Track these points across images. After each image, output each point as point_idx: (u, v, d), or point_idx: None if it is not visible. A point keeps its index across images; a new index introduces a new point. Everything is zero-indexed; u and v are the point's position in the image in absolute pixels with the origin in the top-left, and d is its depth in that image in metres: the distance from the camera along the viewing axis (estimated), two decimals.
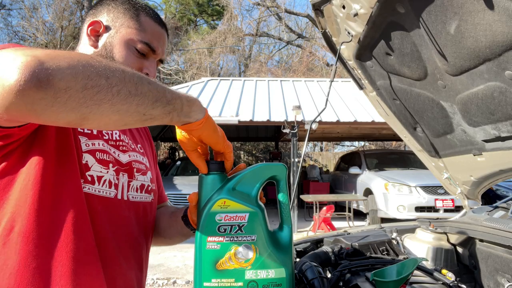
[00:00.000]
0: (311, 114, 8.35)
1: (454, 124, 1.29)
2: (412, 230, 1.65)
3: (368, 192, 8.04)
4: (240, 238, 0.73)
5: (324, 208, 6.85)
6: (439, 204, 6.94)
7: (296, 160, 7.94)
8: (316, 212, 6.93)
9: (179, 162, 10.23)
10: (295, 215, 7.73)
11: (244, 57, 22.84)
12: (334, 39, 1.33)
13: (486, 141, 1.22)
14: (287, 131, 7.80)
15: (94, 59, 0.58)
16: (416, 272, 1.10)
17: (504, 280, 1.33)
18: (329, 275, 1.17)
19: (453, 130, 1.33)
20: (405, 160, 9.07)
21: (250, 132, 14.20)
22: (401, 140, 3.27)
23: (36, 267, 0.68)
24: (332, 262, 1.19)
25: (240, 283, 0.72)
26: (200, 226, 0.74)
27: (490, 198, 6.97)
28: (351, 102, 9.20)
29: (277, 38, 21.74)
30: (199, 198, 0.77)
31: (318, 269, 1.03)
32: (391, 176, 7.69)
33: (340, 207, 8.41)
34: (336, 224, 7.02)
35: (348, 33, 1.19)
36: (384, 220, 7.20)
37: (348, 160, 10.27)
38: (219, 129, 0.77)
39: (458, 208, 6.63)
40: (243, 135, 14.74)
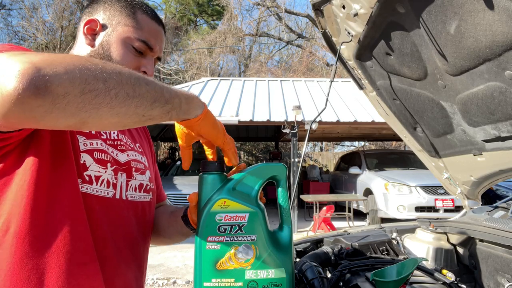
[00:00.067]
0: (311, 114, 8.35)
1: (454, 124, 1.29)
2: (412, 230, 1.65)
3: (368, 192, 8.04)
4: (240, 238, 0.73)
5: (324, 208, 6.85)
6: (439, 204, 6.94)
7: (296, 160, 7.94)
8: (316, 212, 6.93)
9: (179, 162, 10.22)
10: (295, 215, 7.73)
11: (244, 57, 22.84)
12: (334, 39, 1.33)
13: (486, 141, 1.22)
14: (287, 131, 7.80)
15: (89, 62, 0.57)
16: (416, 272, 1.10)
17: (504, 280, 1.33)
18: (329, 275, 1.17)
19: (453, 130, 1.33)
20: (405, 160, 9.07)
21: (250, 132, 14.19)
22: (401, 140, 3.28)
23: (32, 268, 0.67)
24: (332, 262, 1.19)
25: (240, 283, 0.72)
26: (200, 226, 0.74)
27: (490, 198, 6.97)
28: (351, 102, 9.20)
29: (277, 38, 21.73)
30: (199, 198, 0.77)
31: (318, 269, 1.03)
32: (391, 176, 7.69)
33: (340, 207, 8.41)
34: (336, 224, 7.02)
35: (348, 33, 1.19)
36: (384, 220, 7.20)
37: (348, 160, 10.27)
38: (220, 124, 0.77)
39: (458, 208, 6.63)
40: (243, 135, 14.74)
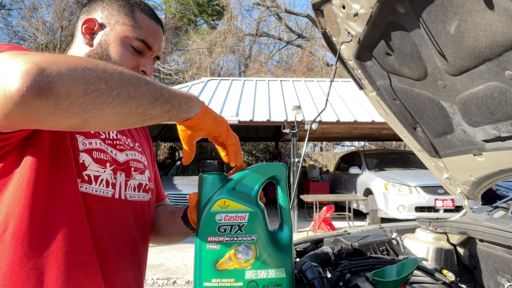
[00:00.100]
0: (311, 114, 8.35)
1: (454, 124, 1.29)
2: (412, 230, 1.65)
3: (368, 192, 8.03)
4: (240, 238, 0.73)
5: (324, 208, 6.85)
6: (439, 204, 6.94)
7: (296, 160, 7.94)
8: (316, 212, 6.93)
9: (179, 162, 10.23)
10: (295, 215, 7.73)
11: (244, 57, 22.83)
12: (334, 39, 1.33)
13: (486, 141, 1.22)
14: (287, 131, 7.80)
15: (91, 62, 0.57)
16: (416, 272, 1.10)
17: (504, 280, 1.33)
18: (329, 275, 1.17)
19: (453, 130, 1.33)
20: (405, 160, 9.07)
21: (250, 132, 14.20)
22: (401, 140, 3.28)
23: (32, 268, 0.67)
24: (332, 262, 1.19)
25: (240, 283, 0.72)
26: (200, 226, 0.74)
27: (490, 198, 6.97)
28: (351, 102, 9.20)
29: (277, 38, 21.73)
30: (199, 198, 0.77)
31: (318, 269, 1.03)
32: (391, 176, 7.69)
33: (340, 207, 8.41)
34: (336, 224, 7.02)
35: (348, 33, 1.19)
36: (384, 220, 7.20)
37: (348, 160, 10.27)
38: (222, 118, 0.77)
39: (458, 208, 6.63)
40: (243, 135, 14.73)
